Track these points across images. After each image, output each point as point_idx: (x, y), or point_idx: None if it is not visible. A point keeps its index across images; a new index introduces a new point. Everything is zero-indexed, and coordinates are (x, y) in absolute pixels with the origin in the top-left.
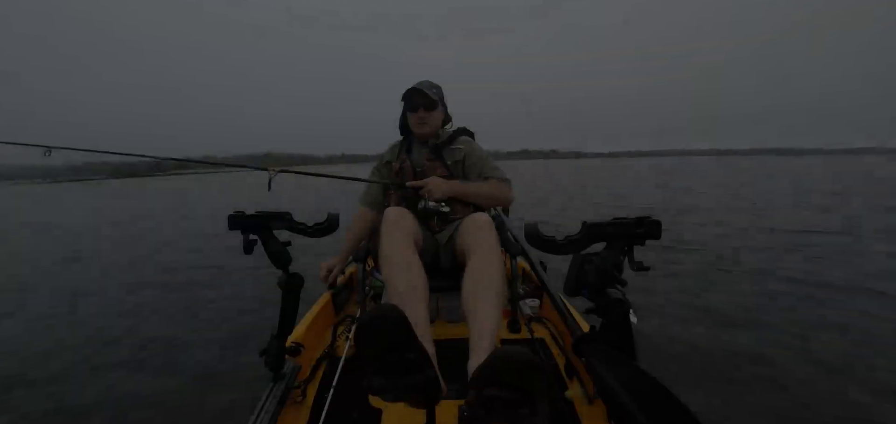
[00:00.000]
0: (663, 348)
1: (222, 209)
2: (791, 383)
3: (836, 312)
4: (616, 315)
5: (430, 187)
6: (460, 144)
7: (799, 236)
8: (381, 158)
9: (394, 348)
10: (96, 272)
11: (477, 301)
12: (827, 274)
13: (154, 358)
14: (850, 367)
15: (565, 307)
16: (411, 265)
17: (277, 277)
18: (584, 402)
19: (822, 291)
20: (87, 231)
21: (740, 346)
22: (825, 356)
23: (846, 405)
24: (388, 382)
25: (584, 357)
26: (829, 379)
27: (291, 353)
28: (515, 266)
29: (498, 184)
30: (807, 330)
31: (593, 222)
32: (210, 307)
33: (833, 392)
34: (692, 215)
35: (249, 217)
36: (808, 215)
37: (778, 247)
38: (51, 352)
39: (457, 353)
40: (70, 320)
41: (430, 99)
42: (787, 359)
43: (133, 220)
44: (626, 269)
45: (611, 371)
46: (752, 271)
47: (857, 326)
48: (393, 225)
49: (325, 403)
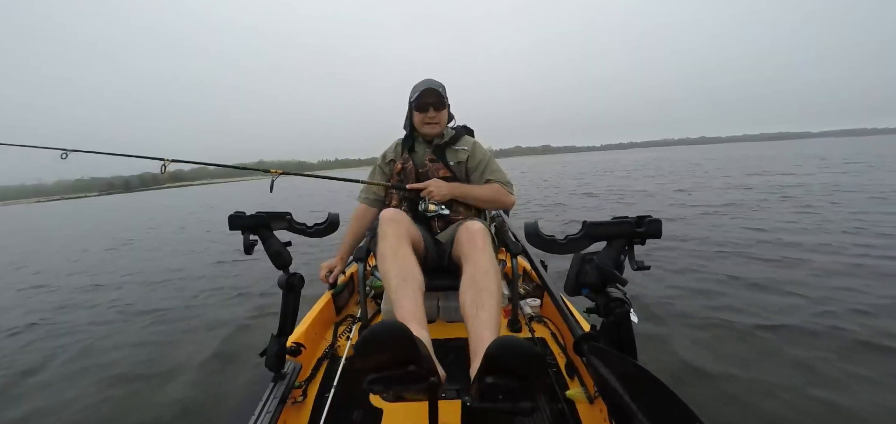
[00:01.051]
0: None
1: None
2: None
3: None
4: (616, 315)
5: (431, 189)
6: (463, 144)
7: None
8: (383, 155)
9: (396, 363)
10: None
11: (476, 309)
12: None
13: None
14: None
15: (566, 306)
16: (405, 259)
17: (277, 277)
18: (585, 402)
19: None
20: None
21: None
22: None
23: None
24: (388, 389)
25: (585, 357)
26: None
27: (292, 353)
28: (516, 266)
29: (499, 188)
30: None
31: (593, 222)
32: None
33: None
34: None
35: (250, 218)
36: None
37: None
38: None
39: (457, 353)
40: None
41: (442, 98)
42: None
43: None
44: (627, 268)
45: (611, 370)
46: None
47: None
48: (388, 223)
49: (325, 403)
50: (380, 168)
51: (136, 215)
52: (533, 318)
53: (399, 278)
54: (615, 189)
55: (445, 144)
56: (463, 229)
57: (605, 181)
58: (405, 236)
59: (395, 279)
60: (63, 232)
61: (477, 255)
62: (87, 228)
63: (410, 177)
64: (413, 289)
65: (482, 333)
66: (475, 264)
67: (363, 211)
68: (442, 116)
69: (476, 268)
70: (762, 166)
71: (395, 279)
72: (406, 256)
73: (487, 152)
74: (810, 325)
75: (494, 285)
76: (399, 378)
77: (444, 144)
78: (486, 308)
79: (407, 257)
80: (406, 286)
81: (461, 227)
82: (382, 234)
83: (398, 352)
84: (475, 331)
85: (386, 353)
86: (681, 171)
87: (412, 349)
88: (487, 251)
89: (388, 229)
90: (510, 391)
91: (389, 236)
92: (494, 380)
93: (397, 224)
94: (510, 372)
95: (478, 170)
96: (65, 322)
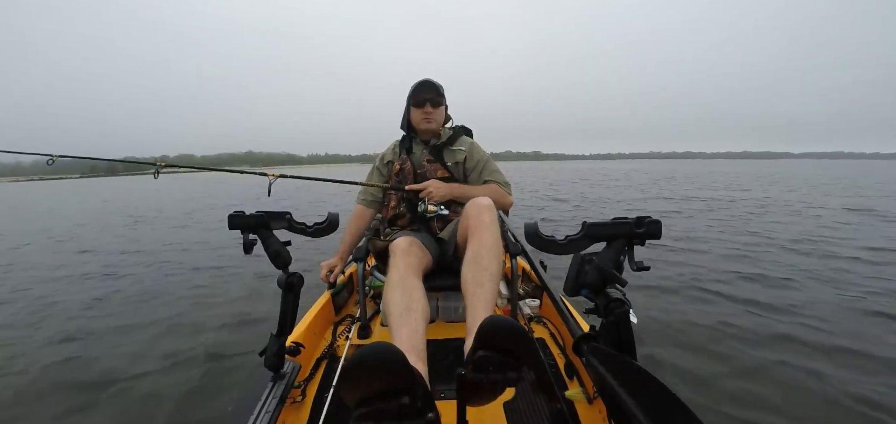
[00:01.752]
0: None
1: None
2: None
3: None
4: (616, 315)
5: (430, 190)
6: (461, 144)
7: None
8: (381, 156)
9: (387, 393)
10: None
11: (475, 286)
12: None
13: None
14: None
15: (565, 306)
16: (412, 289)
17: (277, 277)
18: (584, 402)
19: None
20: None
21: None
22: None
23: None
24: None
25: (584, 357)
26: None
27: (291, 353)
28: (515, 266)
29: (498, 188)
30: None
31: (593, 222)
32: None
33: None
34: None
35: (249, 217)
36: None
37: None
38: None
39: (457, 353)
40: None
41: (439, 94)
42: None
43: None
44: (627, 269)
45: (610, 370)
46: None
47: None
48: (401, 256)
49: (324, 402)
50: (378, 170)
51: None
52: (532, 318)
53: (402, 306)
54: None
55: (443, 145)
56: (472, 204)
57: (579, 188)
58: (416, 267)
59: (398, 308)
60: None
61: (483, 231)
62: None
63: (408, 177)
64: (416, 319)
65: (479, 312)
66: (480, 240)
67: (361, 212)
68: (439, 113)
69: (481, 244)
70: (720, 181)
71: (397, 307)
72: (413, 286)
73: (485, 153)
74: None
75: (495, 264)
76: (391, 413)
77: (441, 145)
78: (486, 288)
79: (414, 287)
80: (409, 315)
81: (470, 202)
82: (393, 264)
83: (390, 380)
84: (473, 309)
85: (376, 380)
86: (643, 180)
87: (407, 377)
88: (493, 228)
89: (399, 260)
90: (500, 363)
91: (400, 266)
92: (485, 354)
93: (408, 256)
94: (499, 348)
95: (476, 170)
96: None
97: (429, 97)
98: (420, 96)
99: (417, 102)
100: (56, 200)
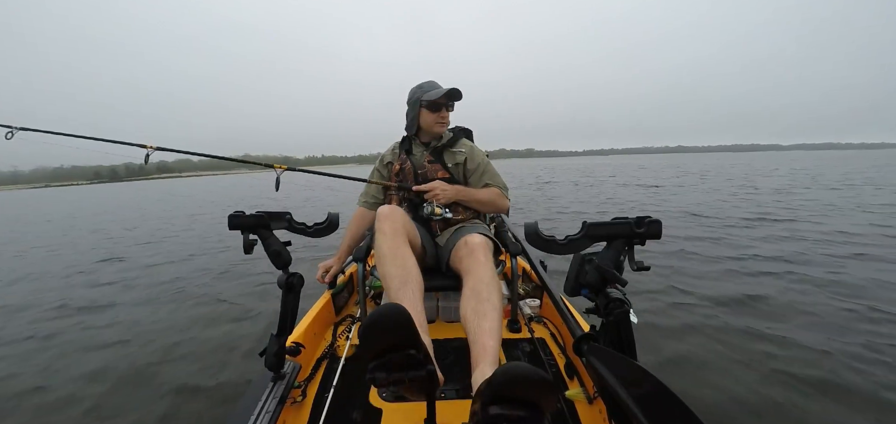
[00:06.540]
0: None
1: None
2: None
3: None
4: (616, 315)
5: (436, 191)
6: (461, 146)
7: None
8: (381, 158)
9: (397, 346)
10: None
11: (478, 318)
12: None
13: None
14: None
15: (565, 306)
16: (404, 259)
17: (277, 277)
18: (584, 402)
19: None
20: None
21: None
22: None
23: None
24: (389, 376)
25: (584, 357)
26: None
27: (291, 353)
28: (515, 266)
29: (497, 192)
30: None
31: (593, 222)
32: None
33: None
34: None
35: (249, 217)
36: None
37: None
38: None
39: (457, 353)
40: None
41: (457, 99)
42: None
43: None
44: (627, 269)
45: (611, 370)
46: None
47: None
48: (385, 220)
49: (325, 402)
50: (378, 171)
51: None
52: (532, 318)
53: (399, 280)
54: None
55: (443, 146)
56: (462, 243)
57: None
58: (402, 232)
59: (395, 281)
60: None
61: (478, 268)
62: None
63: (408, 178)
64: (413, 290)
65: (485, 341)
66: (477, 276)
67: (362, 214)
68: (450, 116)
69: (477, 280)
70: (696, 170)
71: (394, 280)
72: (405, 256)
73: (484, 157)
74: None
75: (496, 296)
76: (401, 363)
77: (441, 146)
78: (489, 318)
79: (406, 257)
80: (406, 288)
81: (460, 241)
82: (379, 230)
83: (399, 334)
84: (478, 340)
85: (389, 335)
86: (630, 173)
87: (412, 332)
88: (488, 264)
89: (385, 225)
90: (518, 421)
91: (387, 232)
92: (500, 411)
93: (394, 220)
94: (519, 401)
95: (476, 173)
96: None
97: (444, 102)
98: (439, 102)
99: (434, 107)
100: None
